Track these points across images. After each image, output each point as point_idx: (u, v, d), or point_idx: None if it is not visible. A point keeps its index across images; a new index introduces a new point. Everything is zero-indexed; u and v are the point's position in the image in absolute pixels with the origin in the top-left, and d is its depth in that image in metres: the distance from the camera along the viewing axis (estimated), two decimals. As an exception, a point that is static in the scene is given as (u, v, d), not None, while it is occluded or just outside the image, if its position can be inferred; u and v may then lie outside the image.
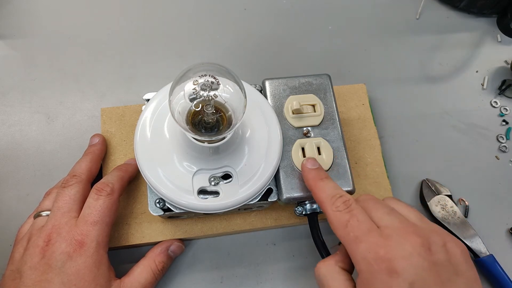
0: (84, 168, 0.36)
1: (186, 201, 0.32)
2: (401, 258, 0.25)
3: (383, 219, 0.28)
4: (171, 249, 0.37)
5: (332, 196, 0.30)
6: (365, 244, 0.26)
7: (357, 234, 0.27)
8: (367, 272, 0.25)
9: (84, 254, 0.31)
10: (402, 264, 0.24)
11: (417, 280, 0.24)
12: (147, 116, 0.34)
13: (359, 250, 0.26)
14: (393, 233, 0.26)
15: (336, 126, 0.37)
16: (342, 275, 0.28)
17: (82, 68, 0.47)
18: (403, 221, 0.27)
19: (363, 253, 0.26)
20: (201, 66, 0.28)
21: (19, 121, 0.44)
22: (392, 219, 0.27)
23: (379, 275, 0.25)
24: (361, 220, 0.27)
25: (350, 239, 0.27)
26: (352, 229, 0.27)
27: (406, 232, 0.26)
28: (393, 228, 0.27)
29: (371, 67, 0.50)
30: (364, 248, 0.26)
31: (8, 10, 0.49)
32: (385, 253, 0.25)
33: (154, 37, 0.50)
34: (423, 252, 0.25)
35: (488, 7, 0.52)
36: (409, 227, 0.27)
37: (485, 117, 0.48)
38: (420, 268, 0.24)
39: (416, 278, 0.24)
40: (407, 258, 0.25)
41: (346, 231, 0.27)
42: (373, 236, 0.26)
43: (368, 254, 0.26)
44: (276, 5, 0.53)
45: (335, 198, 0.29)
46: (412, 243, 0.25)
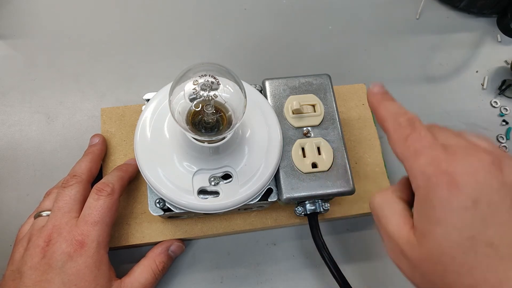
0: (84, 168, 0.36)
1: (186, 201, 0.32)
2: (466, 173, 0.22)
3: (450, 139, 0.25)
4: (172, 249, 0.37)
5: (395, 113, 0.27)
6: (425, 158, 0.23)
7: (417, 147, 0.24)
8: (424, 187, 0.23)
9: (84, 254, 0.31)
10: (466, 179, 0.21)
11: (483, 198, 0.21)
12: (147, 116, 0.34)
13: (418, 164, 0.23)
14: (459, 150, 0.23)
15: (336, 126, 0.37)
16: (399, 204, 0.26)
17: (82, 68, 0.47)
18: (472, 143, 0.24)
19: (422, 167, 0.23)
20: (201, 66, 0.28)
21: (19, 121, 0.44)
22: (460, 140, 0.24)
23: (438, 190, 0.22)
24: (424, 135, 0.25)
25: (409, 153, 0.24)
26: (412, 142, 0.24)
27: (474, 150, 0.23)
28: (460, 147, 0.23)
29: (371, 67, 0.50)
30: (423, 161, 0.23)
31: (8, 10, 0.49)
32: (448, 166, 0.22)
33: (154, 37, 0.50)
34: (494, 170, 0.22)
35: (488, 7, 0.52)
36: (479, 147, 0.23)
37: (485, 117, 0.48)
38: (488, 186, 0.21)
39: (481, 196, 0.21)
40: (473, 174, 0.21)
41: (406, 145, 0.25)
42: (436, 150, 0.23)
43: (427, 167, 0.23)
44: (276, 5, 0.53)
45: (399, 115, 0.27)
46: (480, 159, 0.22)
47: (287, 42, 0.50)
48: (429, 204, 0.22)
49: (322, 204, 0.35)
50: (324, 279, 0.39)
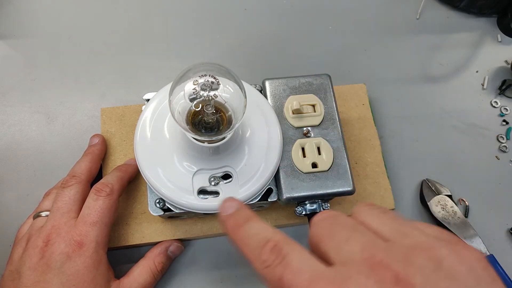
0: (83, 168, 0.36)
1: (186, 201, 0.32)
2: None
3: (340, 251, 0.19)
4: (171, 249, 0.37)
5: (256, 247, 0.21)
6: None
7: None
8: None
9: (83, 254, 0.30)
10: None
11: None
12: (147, 116, 0.34)
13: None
14: (353, 273, 0.17)
15: (336, 126, 0.37)
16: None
17: (82, 68, 0.47)
18: (367, 247, 0.18)
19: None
20: (201, 66, 0.28)
21: (19, 121, 0.44)
22: (352, 248, 0.19)
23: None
24: (299, 268, 0.19)
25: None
26: (289, 285, 0.18)
27: (371, 267, 0.17)
28: (353, 264, 0.18)
29: (371, 67, 0.50)
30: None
31: (8, 10, 0.49)
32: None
33: (154, 37, 0.49)
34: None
35: (488, 7, 0.52)
36: (377, 255, 0.18)
37: (485, 117, 0.48)
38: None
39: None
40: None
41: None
42: (320, 285, 0.17)
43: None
44: (276, 5, 0.53)
45: (261, 249, 0.21)
46: (380, 282, 0.17)
47: (287, 42, 0.50)
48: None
49: (322, 204, 0.35)
50: (324, 279, 0.39)
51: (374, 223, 0.20)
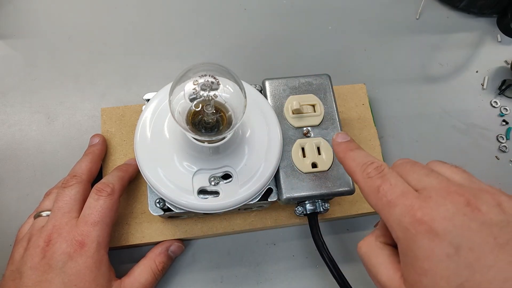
0: (84, 168, 0.36)
1: (186, 201, 0.32)
2: (442, 219, 0.21)
3: (421, 181, 0.24)
4: (171, 249, 0.37)
5: (362, 164, 0.27)
6: (399, 208, 0.23)
7: (390, 198, 0.24)
8: (405, 239, 0.22)
9: (84, 254, 0.31)
10: (444, 225, 0.21)
11: (464, 243, 0.20)
12: (147, 116, 0.34)
13: (394, 215, 0.23)
14: (432, 194, 0.23)
15: (336, 126, 0.37)
16: (385, 250, 0.25)
17: (82, 68, 0.47)
18: (444, 181, 0.24)
19: (398, 218, 0.23)
20: (201, 66, 0.28)
21: (19, 121, 0.44)
22: (431, 180, 0.24)
23: (418, 240, 0.21)
24: (394, 183, 0.24)
25: (383, 205, 0.24)
26: (384, 193, 0.24)
27: (447, 192, 0.22)
28: (432, 189, 0.23)
29: (371, 67, 0.50)
30: (398, 212, 0.23)
31: (8, 10, 0.49)
32: (423, 215, 0.22)
33: (154, 37, 0.50)
34: (470, 211, 0.21)
35: (488, 7, 0.52)
36: (452, 186, 0.23)
37: (485, 117, 0.48)
38: (467, 230, 0.21)
39: (462, 241, 0.20)
40: (450, 219, 0.21)
41: (379, 197, 0.24)
42: (409, 198, 0.23)
43: (403, 218, 0.22)
44: (276, 5, 0.53)
45: (366, 165, 0.27)
46: (454, 202, 0.22)
47: (287, 42, 0.50)
48: (412, 255, 0.22)
49: (322, 204, 0.35)
50: (324, 279, 0.39)
51: (447, 172, 0.25)
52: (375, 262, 0.25)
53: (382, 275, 0.24)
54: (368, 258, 0.26)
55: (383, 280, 0.24)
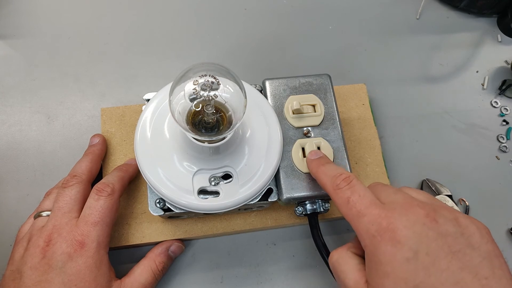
0: (84, 168, 0.36)
1: (186, 201, 0.32)
2: (404, 227, 0.24)
3: (388, 197, 0.27)
4: (171, 249, 0.37)
5: (332, 176, 0.29)
6: (367, 217, 0.25)
7: (359, 209, 0.26)
8: (371, 245, 0.25)
9: (84, 254, 0.31)
10: (405, 232, 0.24)
11: (422, 249, 0.23)
12: (147, 116, 0.34)
13: (362, 224, 0.25)
14: (397, 206, 0.25)
15: (336, 126, 0.37)
16: (354, 259, 0.28)
17: (82, 68, 0.47)
18: (408, 197, 0.26)
19: (366, 226, 0.25)
20: (201, 66, 0.28)
21: (19, 121, 0.44)
22: (397, 197, 0.27)
23: (382, 246, 0.24)
24: (363, 194, 0.27)
25: (353, 215, 0.26)
26: (354, 204, 0.27)
27: (410, 205, 0.25)
28: (397, 203, 0.26)
29: (371, 67, 0.50)
30: (366, 221, 0.25)
31: (8, 10, 0.49)
32: (388, 224, 0.24)
33: (154, 37, 0.50)
34: (428, 222, 0.24)
35: (488, 7, 0.52)
36: (414, 201, 0.26)
37: (485, 117, 0.48)
38: (425, 237, 0.23)
39: (420, 247, 0.23)
40: (410, 227, 0.24)
41: (349, 207, 0.27)
42: (375, 208, 0.26)
43: (371, 226, 0.25)
44: (276, 5, 0.53)
45: (335, 177, 0.29)
46: (415, 213, 0.24)
47: (287, 42, 0.50)
48: (376, 260, 0.24)
49: (322, 204, 0.35)
50: (324, 279, 0.39)
51: (413, 193, 0.28)
52: (344, 269, 0.28)
53: (350, 280, 0.27)
54: (338, 265, 0.28)
55: (350, 285, 0.26)
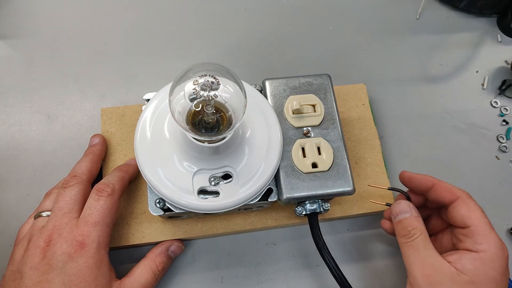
0: (84, 168, 0.36)
1: (186, 201, 0.32)
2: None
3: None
4: (171, 249, 0.37)
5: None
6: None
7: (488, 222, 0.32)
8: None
9: (85, 254, 0.31)
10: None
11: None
12: (147, 116, 0.34)
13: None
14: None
15: (336, 126, 0.37)
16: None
17: (82, 68, 0.47)
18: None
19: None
20: (201, 66, 0.28)
21: (19, 121, 0.44)
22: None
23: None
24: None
25: (486, 224, 0.31)
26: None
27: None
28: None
29: (371, 67, 0.50)
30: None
31: (8, 10, 0.49)
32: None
33: (154, 37, 0.50)
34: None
35: (488, 7, 0.52)
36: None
37: (485, 117, 0.48)
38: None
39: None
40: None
41: (483, 216, 0.32)
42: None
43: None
44: (276, 5, 0.53)
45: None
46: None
47: (287, 42, 0.50)
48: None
49: (322, 204, 0.35)
50: (324, 279, 0.39)
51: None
52: None
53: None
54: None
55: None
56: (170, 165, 0.33)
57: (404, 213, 0.34)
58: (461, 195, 0.33)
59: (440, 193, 0.34)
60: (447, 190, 0.33)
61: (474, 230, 0.31)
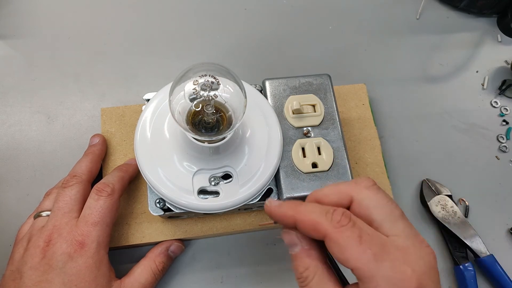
0: (84, 168, 0.36)
1: (186, 201, 0.32)
2: (424, 273, 0.22)
3: (390, 229, 0.24)
4: (171, 249, 0.37)
5: (322, 211, 0.24)
6: (388, 262, 0.22)
7: (375, 251, 0.22)
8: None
9: (84, 254, 0.31)
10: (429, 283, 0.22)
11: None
12: (147, 116, 0.34)
13: (383, 271, 0.22)
14: (409, 246, 0.23)
15: (336, 126, 0.37)
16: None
17: (82, 68, 0.47)
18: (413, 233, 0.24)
19: (389, 274, 0.22)
20: (201, 66, 0.28)
21: (19, 121, 0.44)
22: (399, 229, 0.24)
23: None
24: (371, 232, 0.23)
25: (367, 258, 0.22)
26: (367, 244, 0.22)
27: (421, 241, 0.23)
28: (405, 236, 0.23)
29: (371, 67, 0.50)
30: (388, 266, 0.22)
31: (8, 10, 0.49)
32: (412, 272, 0.22)
33: (154, 37, 0.50)
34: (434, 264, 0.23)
35: (488, 7, 0.52)
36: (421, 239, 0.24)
37: (485, 117, 0.48)
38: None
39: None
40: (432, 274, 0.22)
41: (362, 249, 0.22)
42: (390, 250, 0.22)
43: (395, 274, 0.22)
44: (276, 5, 0.53)
45: (328, 212, 0.24)
46: (429, 253, 0.23)
47: (287, 42, 0.50)
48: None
49: (322, 204, 0.35)
50: (324, 279, 0.39)
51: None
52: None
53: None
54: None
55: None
56: (170, 165, 0.33)
57: (293, 246, 0.27)
58: (327, 231, 0.23)
59: (305, 231, 0.25)
60: (310, 227, 0.24)
61: (357, 273, 0.24)
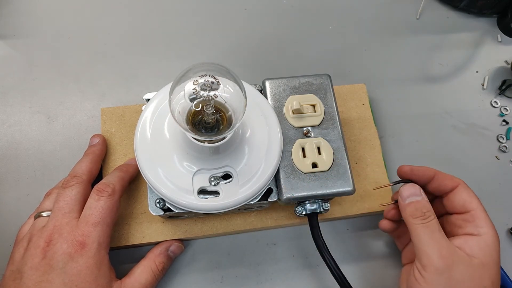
0: (84, 168, 0.36)
1: (186, 201, 0.32)
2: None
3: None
4: (171, 249, 0.37)
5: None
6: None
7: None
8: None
9: (85, 254, 0.31)
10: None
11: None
12: (147, 116, 0.34)
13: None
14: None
15: (336, 126, 0.37)
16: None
17: (82, 68, 0.47)
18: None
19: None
20: (201, 66, 0.28)
21: (19, 121, 0.44)
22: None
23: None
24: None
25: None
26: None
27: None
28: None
29: (371, 67, 0.50)
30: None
31: (8, 10, 0.49)
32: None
33: (154, 37, 0.50)
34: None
35: (488, 7, 0.52)
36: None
37: (485, 117, 0.48)
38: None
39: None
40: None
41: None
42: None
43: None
44: (276, 5, 0.53)
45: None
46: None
47: (287, 42, 0.50)
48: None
49: (322, 204, 0.35)
50: (324, 279, 0.39)
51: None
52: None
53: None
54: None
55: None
56: (170, 165, 0.33)
57: (415, 196, 0.34)
58: (460, 182, 0.34)
59: (442, 181, 0.35)
60: (448, 178, 0.35)
61: (475, 214, 0.32)
